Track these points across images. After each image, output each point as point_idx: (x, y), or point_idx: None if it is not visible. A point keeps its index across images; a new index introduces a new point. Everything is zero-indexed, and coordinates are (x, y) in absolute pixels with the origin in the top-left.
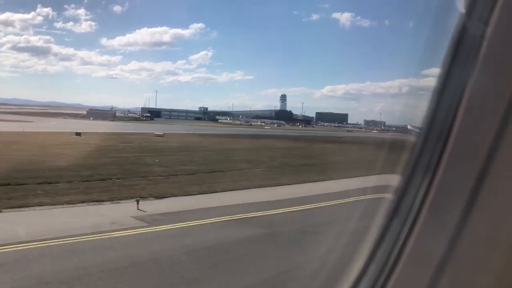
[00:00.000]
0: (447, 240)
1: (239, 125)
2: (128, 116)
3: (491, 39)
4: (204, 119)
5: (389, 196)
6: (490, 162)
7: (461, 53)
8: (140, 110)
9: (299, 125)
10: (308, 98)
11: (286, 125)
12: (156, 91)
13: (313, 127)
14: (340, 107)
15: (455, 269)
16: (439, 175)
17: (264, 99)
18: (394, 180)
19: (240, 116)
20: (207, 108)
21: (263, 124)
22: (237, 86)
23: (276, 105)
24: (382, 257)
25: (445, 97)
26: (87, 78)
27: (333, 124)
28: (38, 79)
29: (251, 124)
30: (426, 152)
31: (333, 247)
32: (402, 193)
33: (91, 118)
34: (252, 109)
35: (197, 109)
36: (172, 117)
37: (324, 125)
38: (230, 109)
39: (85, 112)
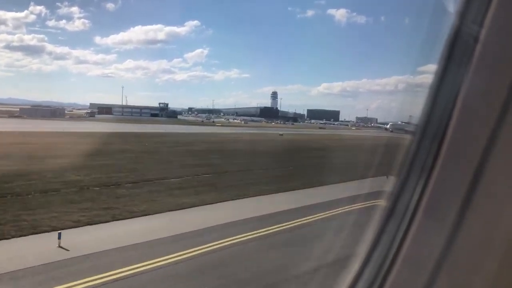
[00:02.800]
0: (443, 241)
1: (200, 123)
2: (74, 114)
3: (486, 39)
4: (161, 116)
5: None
6: (486, 161)
7: (456, 52)
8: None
9: (272, 122)
10: (305, 95)
11: (262, 122)
12: (123, 87)
13: (293, 124)
14: (337, 105)
15: (451, 270)
16: (434, 175)
17: (262, 97)
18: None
19: (222, 114)
20: (167, 104)
21: (238, 121)
22: (234, 84)
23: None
24: (378, 259)
25: (440, 96)
26: (83, 77)
27: (320, 121)
28: (33, 78)
29: (213, 121)
30: (422, 152)
31: None
32: (397, 194)
33: (16, 116)
34: (237, 107)
35: (158, 106)
36: (124, 113)
37: (311, 122)
38: (223, 107)
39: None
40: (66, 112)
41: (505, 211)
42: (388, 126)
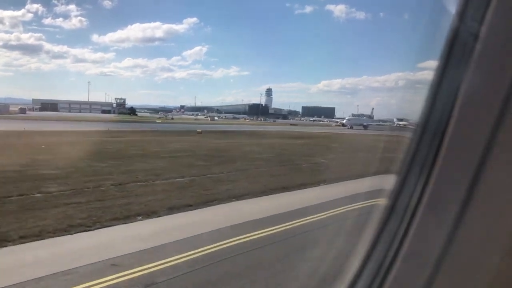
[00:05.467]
0: (444, 238)
1: (157, 119)
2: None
3: (486, 36)
4: (113, 112)
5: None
6: (486, 158)
7: (456, 49)
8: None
9: (248, 119)
10: (305, 93)
11: (241, 119)
12: (89, 82)
13: (274, 121)
14: (336, 102)
15: (452, 267)
16: (435, 172)
17: (261, 95)
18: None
19: (205, 111)
20: (124, 100)
21: (205, 118)
22: (233, 82)
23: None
24: (379, 257)
25: (441, 93)
26: (81, 76)
27: (310, 118)
28: (32, 77)
29: (172, 118)
30: (422, 149)
31: None
32: (398, 192)
33: None
34: (223, 104)
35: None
36: (72, 110)
37: (301, 120)
38: (221, 105)
39: None
40: (11, 109)
41: (506, 208)
42: (344, 121)
